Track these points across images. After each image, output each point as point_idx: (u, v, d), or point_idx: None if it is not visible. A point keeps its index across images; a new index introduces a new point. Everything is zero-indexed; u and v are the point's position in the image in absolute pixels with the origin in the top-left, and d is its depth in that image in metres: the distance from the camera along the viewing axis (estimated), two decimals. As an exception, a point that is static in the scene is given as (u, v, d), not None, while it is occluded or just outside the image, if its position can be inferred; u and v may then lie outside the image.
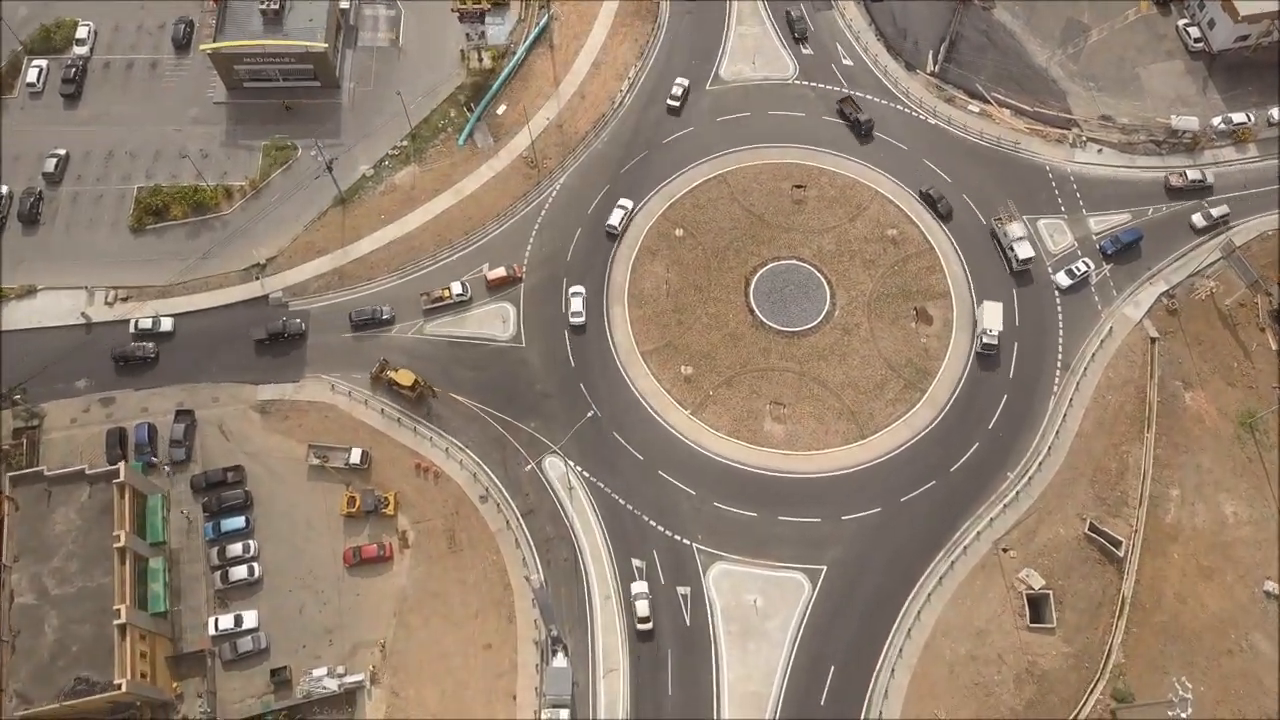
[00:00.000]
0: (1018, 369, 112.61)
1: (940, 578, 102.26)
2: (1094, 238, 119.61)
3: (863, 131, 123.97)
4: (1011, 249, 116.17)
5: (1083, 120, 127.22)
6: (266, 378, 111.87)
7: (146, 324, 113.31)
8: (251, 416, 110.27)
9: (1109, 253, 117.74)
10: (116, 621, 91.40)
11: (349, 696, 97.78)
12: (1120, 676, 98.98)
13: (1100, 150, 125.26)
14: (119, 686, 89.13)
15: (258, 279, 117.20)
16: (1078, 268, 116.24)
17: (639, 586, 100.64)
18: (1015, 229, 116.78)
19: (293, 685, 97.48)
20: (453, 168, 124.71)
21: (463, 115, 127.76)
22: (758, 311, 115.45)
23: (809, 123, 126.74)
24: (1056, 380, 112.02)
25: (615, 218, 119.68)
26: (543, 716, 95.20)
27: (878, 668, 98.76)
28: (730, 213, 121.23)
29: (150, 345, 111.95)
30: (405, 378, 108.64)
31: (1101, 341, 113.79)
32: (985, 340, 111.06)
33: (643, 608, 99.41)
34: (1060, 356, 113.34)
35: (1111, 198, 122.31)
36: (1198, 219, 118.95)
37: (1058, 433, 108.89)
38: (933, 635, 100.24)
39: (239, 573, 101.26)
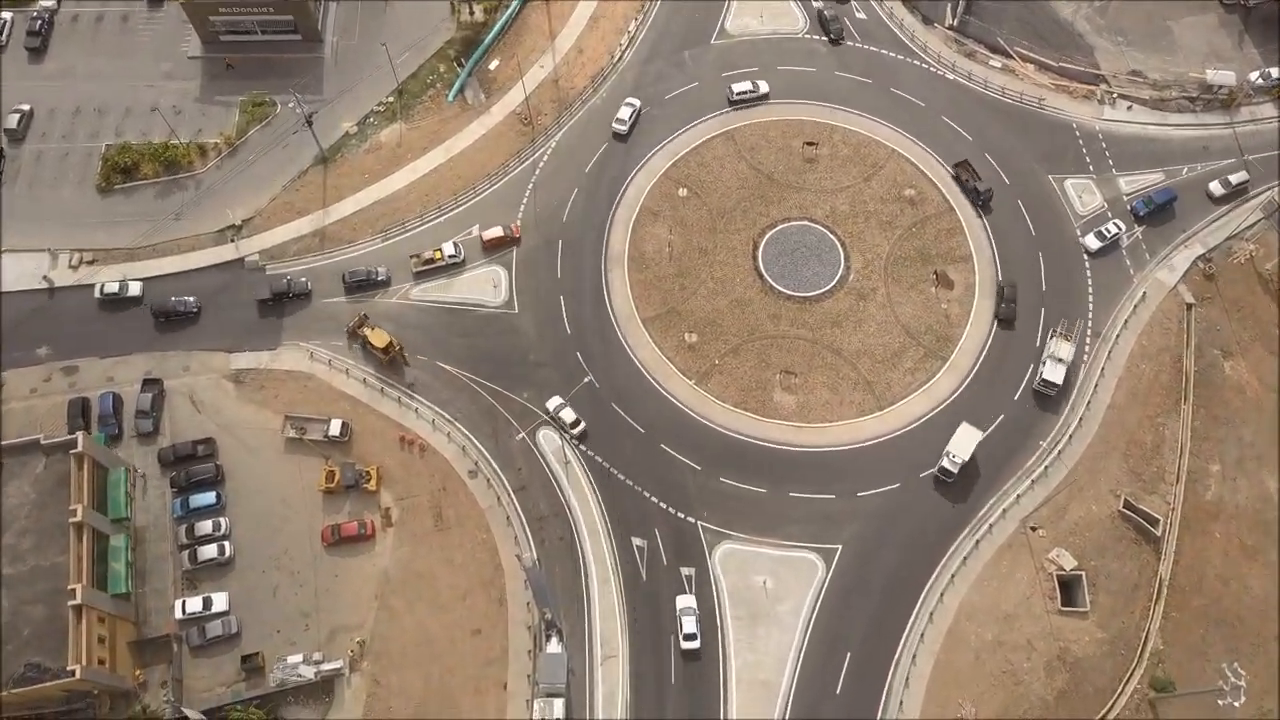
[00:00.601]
0: (1046, 336, 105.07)
1: (964, 558, 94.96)
2: (1125, 198, 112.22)
3: (981, 201, 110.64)
4: (1044, 364, 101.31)
5: (1111, 76, 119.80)
6: (241, 345, 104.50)
7: (113, 288, 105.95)
8: (224, 386, 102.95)
9: (1141, 214, 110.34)
10: (71, 602, 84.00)
11: (326, 685, 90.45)
12: (1159, 664, 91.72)
13: (1130, 107, 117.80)
14: (73, 673, 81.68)
15: (233, 241, 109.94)
16: (1108, 229, 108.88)
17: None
18: (1063, 349, 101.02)
19: (265, 673, 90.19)
20: (441, 125, 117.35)
21: (452, 70, 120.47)
22: (767, 275, 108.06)
23: (820, 78, 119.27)
24: (1087, 348, 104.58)
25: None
26: (535, 706, 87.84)
27: (897, 654, 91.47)
28: (737, 171, 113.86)
29: (192, 300, 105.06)
30: (379, 338, 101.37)
31: (1134, 307, 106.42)
32: (944, 465, 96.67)
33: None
34: (1090, 323, 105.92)
35: (1143, 156, 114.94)
36: (1215, 187, 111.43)
37: (1089, 404, 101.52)
38: (956, 619, 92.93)
39: (208, 552, 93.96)
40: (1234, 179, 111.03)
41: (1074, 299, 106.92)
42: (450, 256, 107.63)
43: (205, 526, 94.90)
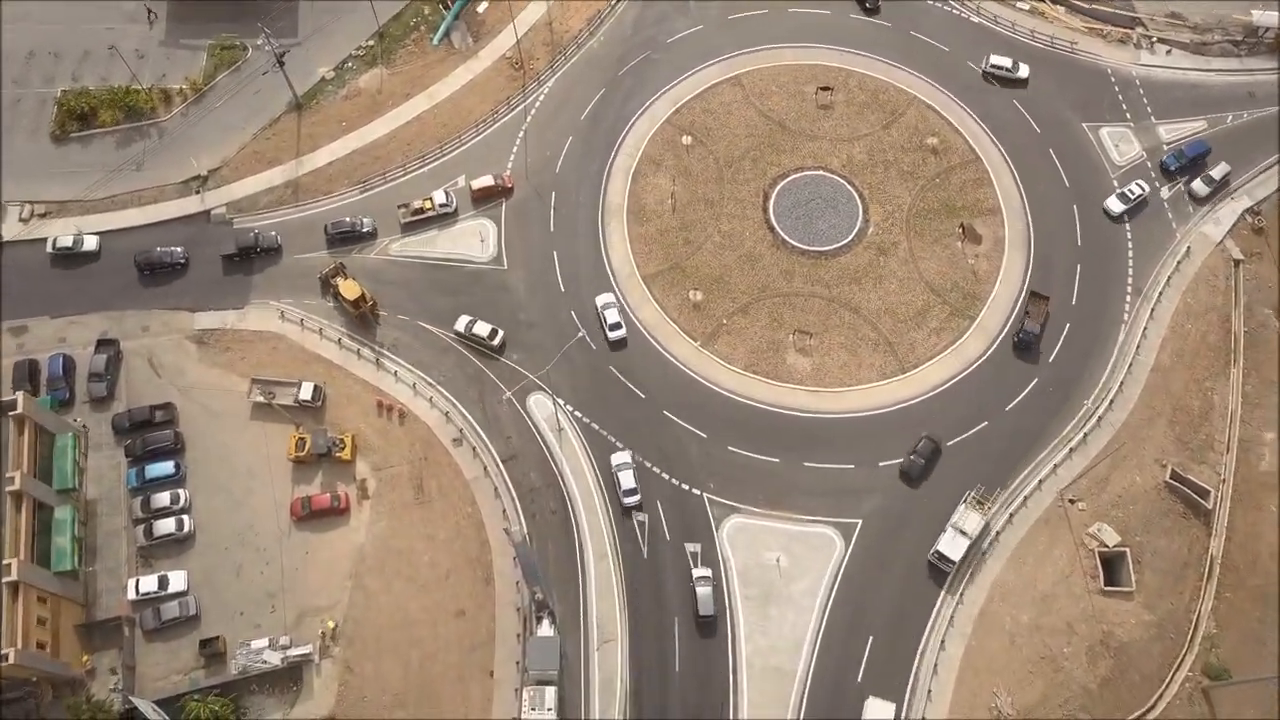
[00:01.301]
0: (1082, 294, 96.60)
1: (997, 533, 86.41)
2: (1164, 147, 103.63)
3: (1022, 345, 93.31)
4: (944, 532, 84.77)
5: (1148, 19, 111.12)
6: (205, 304, 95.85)
7: (66, 242, 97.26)
8: (186, 348, 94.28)
9: (1171, 169, 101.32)
10: (6, 579, 75.45)
11: (294, 672, 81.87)
12: (1212, 649, 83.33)
13: (1169, 51, 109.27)
14: (5, 657, 73.01)
15: (198, 193, 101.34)
16: (1131, 190, 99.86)
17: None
18: (971, 521, 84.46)
19: (226, 659, 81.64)
20: (425, 70, 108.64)
21: (438, 12, 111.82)
22: (778, 229, 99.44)
23: (835, 20, 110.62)
24: (1127, 307, 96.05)
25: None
26: (525, 695, 79.23)
27: (924, 639, 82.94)
28: (745, 118, 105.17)
29: (179, 250, 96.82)
30: (350, 289, 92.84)
31: (1178, 264, 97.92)
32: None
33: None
34: (1130, 279, 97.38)
35: (1183, 103, 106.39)
36: (1199, 186, 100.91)
37: (1130, 367, 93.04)
38: (989, 600, 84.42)
39: (166, 527, 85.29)
40: (1216, 173, 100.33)
41: (1111, 255, 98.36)
42: (441, 205, 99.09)
43: (162, 499, 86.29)
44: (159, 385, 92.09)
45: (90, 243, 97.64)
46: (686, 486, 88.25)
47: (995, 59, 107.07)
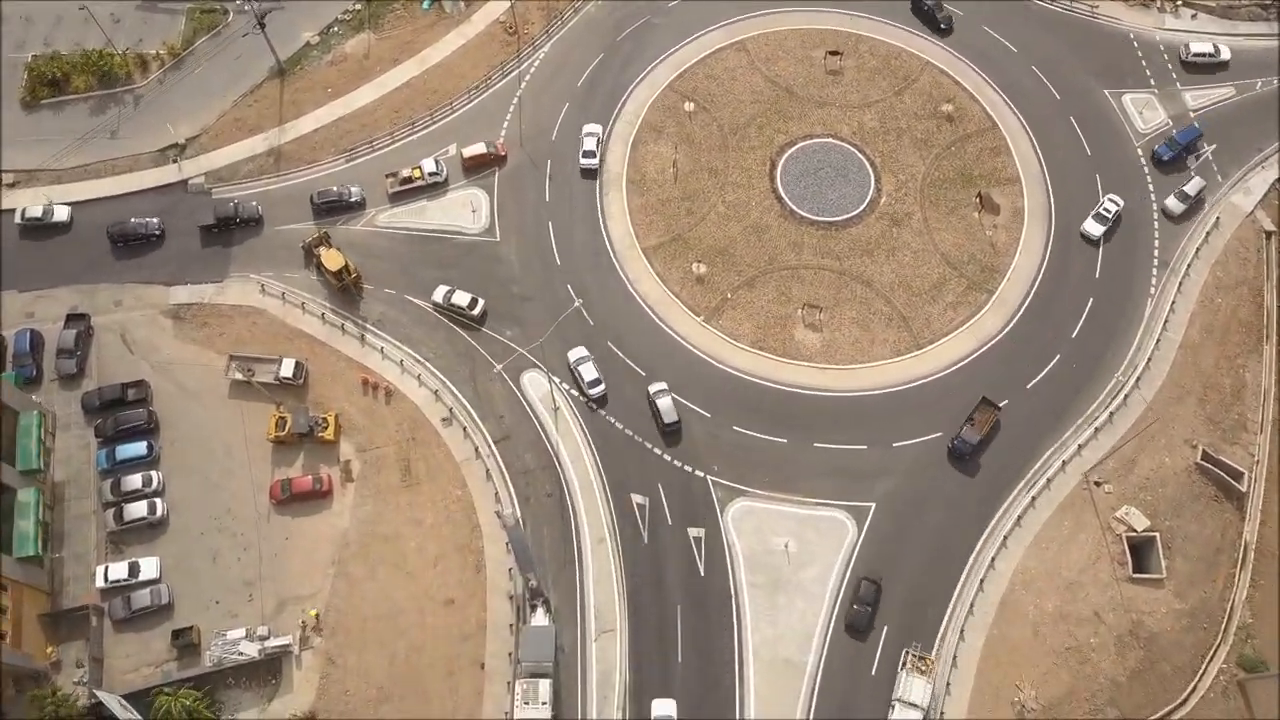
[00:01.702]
0: (1105, 266, 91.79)
1: (1019, 517, 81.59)
2: (1190, 114, 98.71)
3: (956, 455, 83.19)
4: (891, 707, 74.41)
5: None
6: (181, 277, 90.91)
7: (36, 213, 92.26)
8: (162, 323, 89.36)
9: (1165, 159, 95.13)
10: (-38, 565, 70.73)
11: (272, 665, 76.97)
12: (1248, 640, 78.54)
13: (1195, 16, 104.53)
14: (-40, 648, 68.38)
15: (175, 161, 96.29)
16: (1106, 209, 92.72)
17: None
18: (916, 689, 74.17)
19: (201, 651, 76.81)
20: (415, 35, 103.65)
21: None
22: (786, 198, 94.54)
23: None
24: (1154, 280, 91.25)
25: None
26: (518, 688, 74.31)
27: (943, 629, 78.13)
28: (751, 84, 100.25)
29: (155, 221, 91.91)
30: (333, 260, 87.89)
31: (1207, 235, 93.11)
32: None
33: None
34: (1156, 252, 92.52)
35: (1210, 69, 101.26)
36: (1172, 203, 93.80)
37: (1158, 342, 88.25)
38: (1011, 588, 79.59)
39: (137, 510, 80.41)
40: (1190, 189, 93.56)
41: (1136, 226, 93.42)
42: (431, 174, 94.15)
43: (134, 481, 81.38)
44: (132, 362, 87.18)
45: (61, 213, 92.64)
46: (689, 468, 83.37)
47: (1196, 47, 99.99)
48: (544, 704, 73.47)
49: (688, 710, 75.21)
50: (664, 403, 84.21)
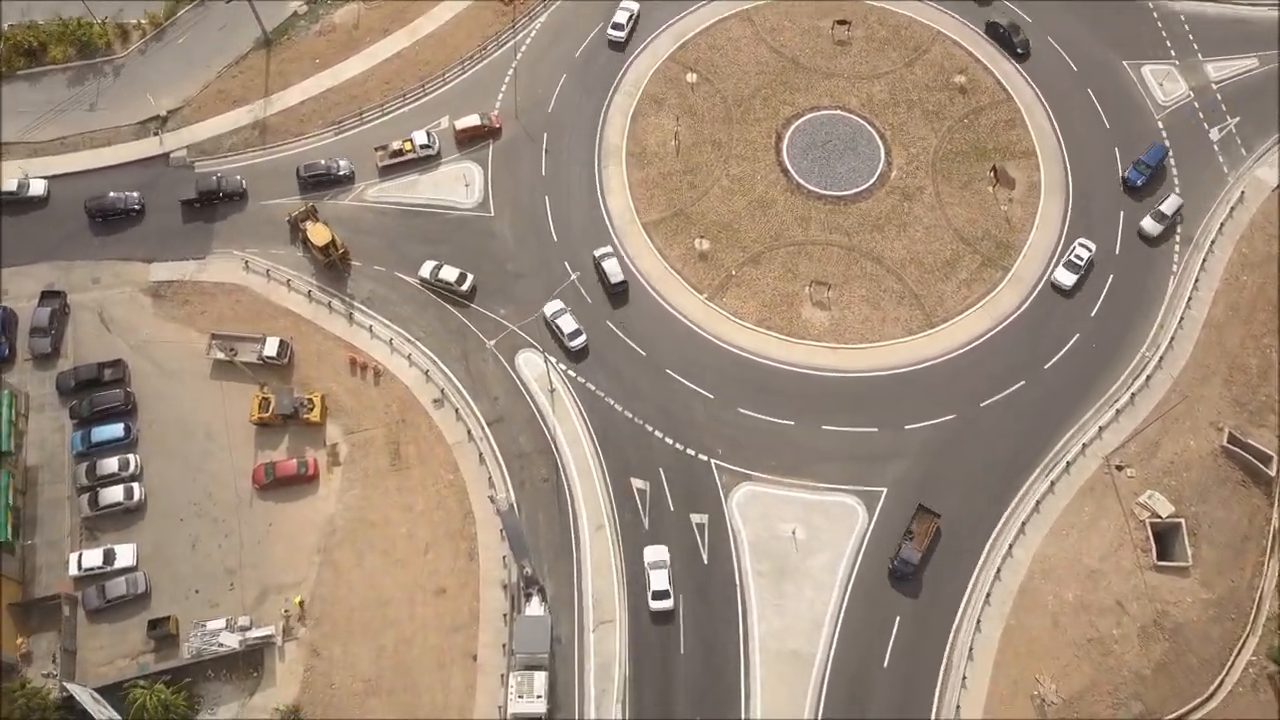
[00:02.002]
0: (1126, 242, 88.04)
1: (1037, 503, 77.88)
2: (1213, 86, 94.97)
3: (898, 576, 75.56)
4: None
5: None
6: (162, 253, 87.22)
7: (11, 187, 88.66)
8: (141, 301, 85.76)
9: (1138, 185, 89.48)
10: (-76, 551, 67.03)
11: (253, 657, 73.37)
12: (1278, 631, 74.63)
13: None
14: (-80, 639, 64.72)
15: (156, 134, 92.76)
16: (1078, 256, 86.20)
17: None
18: None
19: (179, 642, 73.18)
20: (407, 5, 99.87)
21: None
22: (793, 172, 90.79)
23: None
24: (1176, 256, 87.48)
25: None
26: (512, 681, 70.61)
27: (958, 619, 74.45)
28: (756, 55, 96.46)
29: (135, 195, 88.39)
30: (319, 234, 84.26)
31: (1231, 210, 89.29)
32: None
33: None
34: (1179, 227, 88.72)
35: (1233, 40, 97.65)
36: (1148, 224, 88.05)
37: (1181, 321, 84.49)
38: (1030, 577, 75.87)
39: (113, 495, 76.85)
40: (1167, 207, 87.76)
41: (1157, 202, 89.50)
42: (423, 147, 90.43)
43: (110, 465, 77.85)
44: (109, 341, 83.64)
45: (38, 187, 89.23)
46: (692, 452, 79.63)
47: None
48: (539, 697, 69.82)
49: (690, 705, 71.58)
50: (610, 265, 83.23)
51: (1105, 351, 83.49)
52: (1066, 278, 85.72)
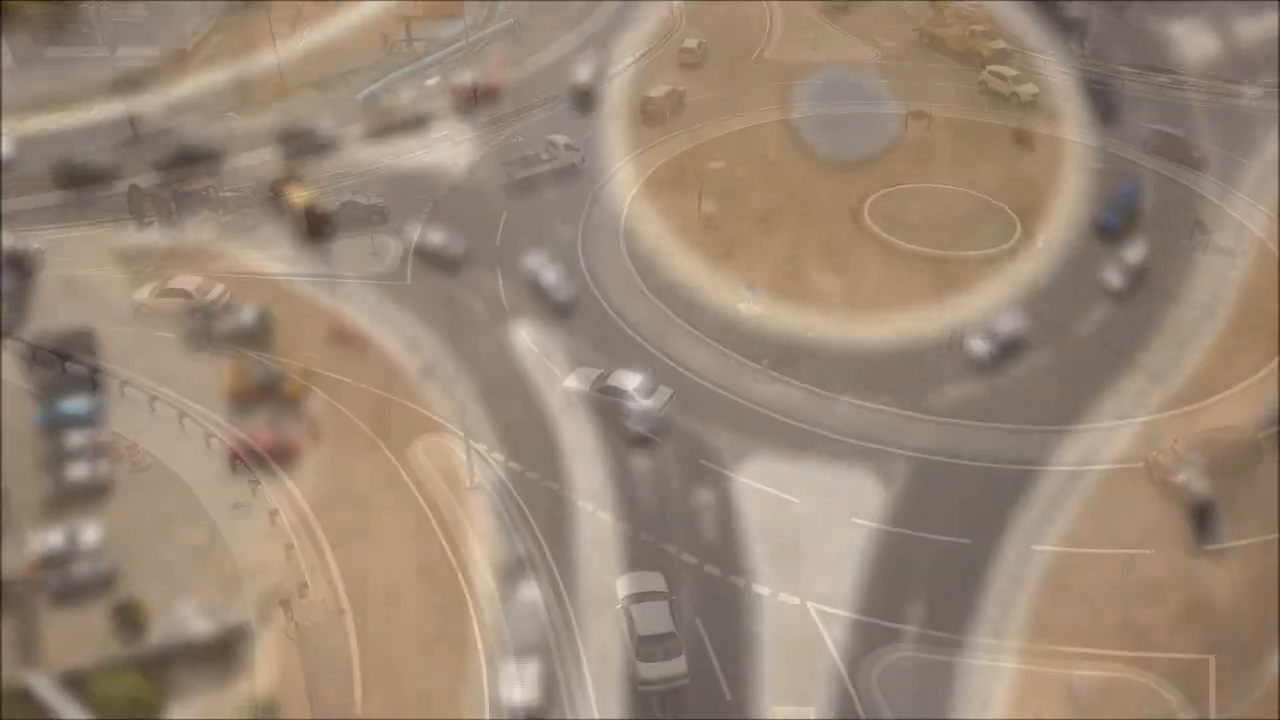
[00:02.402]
0: (1164, 198, 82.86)
1: (1068, 478, 72.64)
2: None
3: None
4: None
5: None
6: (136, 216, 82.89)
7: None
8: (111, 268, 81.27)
9: (1113, 227, 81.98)
10: None
11: (227, 644, 68.50)
12: (1325, 614, 69.41)
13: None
14: None
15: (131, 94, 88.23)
16: (996, 328, 78.22)
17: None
18: None
19: (146, 629, 68.37)
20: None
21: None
22: (804, 130, 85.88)
23: None
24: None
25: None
26: (504, 668, 65.67)
27: (983, 604, 69.18)
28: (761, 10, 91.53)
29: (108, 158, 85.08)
30: (299, 198, 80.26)
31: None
32: None
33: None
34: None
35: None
36: (1113, 277, 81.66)
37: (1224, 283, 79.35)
38: (1060, 558, 70.68)
39: (79, 472, 72.28)
40: (1132, 257, 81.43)
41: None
42: (416, 108, 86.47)
43: (76, 439, 73.20)
44: (77, 308, 79.11)
45: (5, 148, 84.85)
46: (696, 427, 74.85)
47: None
48: (532, 685, 64.86)
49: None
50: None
51: (1140, 312, 78.37)
52: (981, 347, 77.45)
